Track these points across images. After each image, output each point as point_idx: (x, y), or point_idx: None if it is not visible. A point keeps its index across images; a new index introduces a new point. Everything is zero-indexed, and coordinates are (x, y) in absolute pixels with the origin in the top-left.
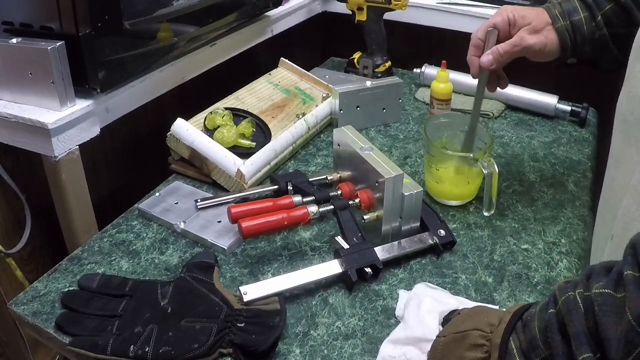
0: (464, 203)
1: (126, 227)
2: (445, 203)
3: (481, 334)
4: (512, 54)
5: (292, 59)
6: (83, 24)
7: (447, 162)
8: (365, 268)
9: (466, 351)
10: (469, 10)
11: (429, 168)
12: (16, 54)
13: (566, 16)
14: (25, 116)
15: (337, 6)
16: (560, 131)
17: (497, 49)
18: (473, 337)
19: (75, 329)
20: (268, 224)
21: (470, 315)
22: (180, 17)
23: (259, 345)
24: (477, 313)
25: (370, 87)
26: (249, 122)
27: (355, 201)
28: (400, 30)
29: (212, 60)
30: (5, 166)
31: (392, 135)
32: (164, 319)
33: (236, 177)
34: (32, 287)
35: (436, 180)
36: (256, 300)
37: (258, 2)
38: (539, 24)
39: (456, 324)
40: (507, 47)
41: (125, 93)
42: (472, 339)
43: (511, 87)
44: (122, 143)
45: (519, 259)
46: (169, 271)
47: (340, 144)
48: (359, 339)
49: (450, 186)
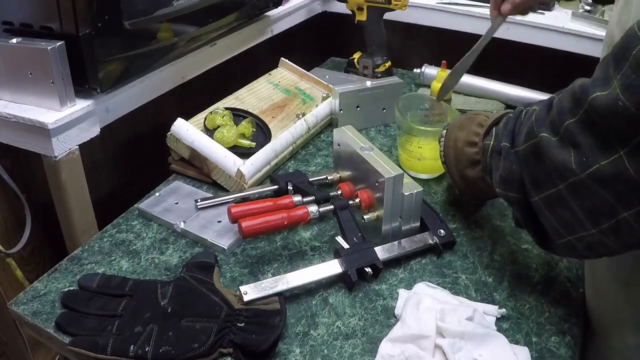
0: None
1: (126, 227)
2: (421, 177)
3: (485, 119)
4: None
5: (292, 59)
6: (83, 24)
7: (430, 138)
8: (365, 268)
9: (475, 126)
10: (469, 10)
11: (407, 146)
12: (16, 54)
13: None
14: (25, 116)
15: (337, 6)
16: None
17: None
18: (481, 119)
19: (75, 329)
20: (268, 224)
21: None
22: (180, 17)
23: (259, 345)
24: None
25: (370, 87)
26: (249, 122)
27: (355, 201)
28: (400, 30)
29: (212, 60)
30: (5, 166)
31: (392, 135)
32: (164, 318)
33: (236, 177)
34: (32, 287)
35: (418, 157)
36: (256, 300)
37: (258, 2)
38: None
39: (470, 114)
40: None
41: (125, 93)
42: (480, 119)
43: (511, 87)
44: (122, 143)
45: (519, 259)
46: (169, 271)
47: (340, 144)
48: (359, 339)
49: (430, 160)
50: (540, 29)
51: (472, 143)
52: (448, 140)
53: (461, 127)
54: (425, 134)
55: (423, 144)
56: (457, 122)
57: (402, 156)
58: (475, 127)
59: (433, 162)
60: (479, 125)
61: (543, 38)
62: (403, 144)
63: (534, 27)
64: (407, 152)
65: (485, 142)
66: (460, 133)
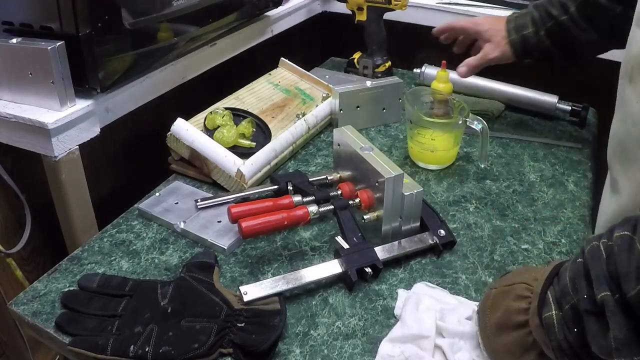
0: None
1: (126, 227)
2: (431, 168)
3: (526, 287)
4: (481, 66)
5: (292, 59)
6: (83, 24)
7: (442, 130)
8: (365, 268)
9: (512, 301)
10: (468, 10)
11: (419, 139)
12: (16, 54)
13: (519, 31)
14: (25, 116)
15: (337, 6)
16: (560, 131)
17: (469, 62)
18: (519, 289)
19: (75, 329)
20: (268, 224)
21: (519, 272)
22: (180, 17)
23: (259, 345)
24: (526, 270)
25: (370, 87)
26: (249, 122)
27: (355, 201)
28: (400, 30)
29: (212, 60)
30: (5, 166)
31: (392, 135)
32: (164, 318)
33: (236, 177)
34: (32, 287)
35: (430, 149)
36: (256, 300)
37: (258, 2)
38: (497, 40)
39: (507, 279)
40: (477, 62)
41: (125, 93)
42: (518, 291)
43: (511, 87)
44: (122, 143)
45: (519, 259)
46: (169, 271)
47: (340, 144)
48: (359, 339)
49: (443, 152)
50: None
51: (518, 325)
52: (483, 330)
53: (494, 306)
54: (438, 126)
55: (436, 136)
56: (487, 302)
57: (413, 148)
58: (515, 302)
59: (445, 153)
60: (519, 298)
61: None
62: (414, 136)
63: None
64: (418, 145)
65: (546, 315)
66: (494, 315)
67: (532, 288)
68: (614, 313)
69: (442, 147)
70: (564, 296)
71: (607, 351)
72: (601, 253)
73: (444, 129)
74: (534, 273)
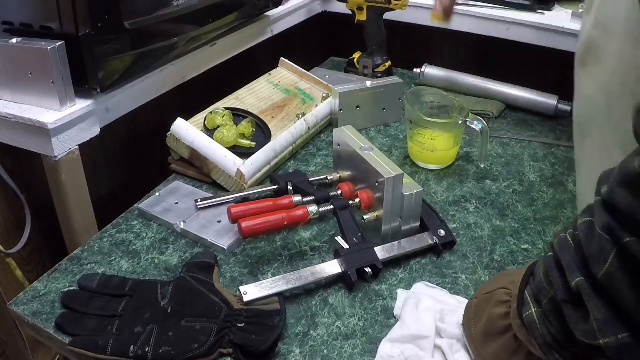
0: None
1: (126, 227)
2: (431, 168)
3: (505, 292)
4: None
5: (292, 59)
6: (83, 24)
7: (442, 130)
8: (365, 268)
9: (494, 308)
10: (468, 10)
11: (419, 139)
12: (16, 54)
13: None
14: (25, 116)
15: (337, 6)
16: (560, 131)
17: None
18: (499, 295)
19: (75, 329)
20: (268, 224)
21: (497, 278)
22: (180, 17)
23: (259, 346)
24: (503, 275)
25: (370, 87)
26: (249, 122)
27: (355, 201)
28: (400, 30)
29: (212, 60)
30: (5, 166)
31: (392, 135)
32: (164, 319)
33: (236, 177)
34: (32, 287)
35: (431, 149)
36: (256, 300)
37: (258, 2)
38: None
39: (485, 287)
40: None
41: (125, 93)
42: (498, 297)
43: (511, 87)
44: (122, 143)
45: (519, 259)
46: (169, 271)
47: (340, 144)
48: (359, 339)
49: (443, 152)
50: (540, 29)
51: (503, 330)
52: (471, 341)
53: (477, 315)
54: (438, 126)
55: (436, 136)
56: (469, 313)
57: (413, 148)
58: (496, 308)
59: (445, 153)
60: (500, 304)
61: (543, 38)
62: (414, 136)
63: (534, 27)
64: (418, 145)
65: (526, 314)
66: (478, 325)
67: (510, 292)
68: (590, 296)
69: (442, 147)
70: (541, 292)
71: (590, 335)
72: (569, 242)
73: (444, 129)
74: (511, 277)
